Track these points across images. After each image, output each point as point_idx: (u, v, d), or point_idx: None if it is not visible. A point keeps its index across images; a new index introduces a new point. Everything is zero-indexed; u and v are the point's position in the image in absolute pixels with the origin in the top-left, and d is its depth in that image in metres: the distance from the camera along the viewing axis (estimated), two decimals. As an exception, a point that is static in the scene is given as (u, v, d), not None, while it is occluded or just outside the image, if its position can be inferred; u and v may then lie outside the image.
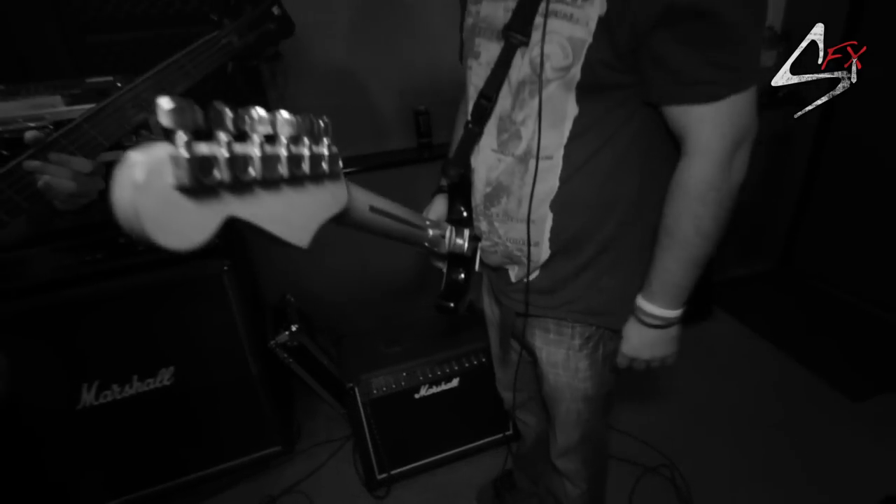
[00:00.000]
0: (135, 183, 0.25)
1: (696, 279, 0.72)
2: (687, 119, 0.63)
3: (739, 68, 0.59)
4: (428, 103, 1.85)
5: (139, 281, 1.28)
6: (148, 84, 0.76)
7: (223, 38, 0.85)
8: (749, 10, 0.57)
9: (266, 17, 0.91)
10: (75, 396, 1.31)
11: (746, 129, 0.63)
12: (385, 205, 0.58)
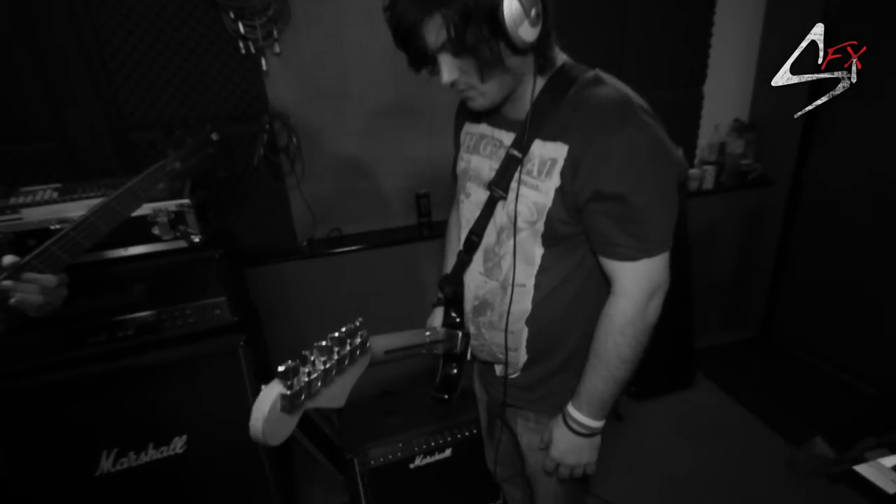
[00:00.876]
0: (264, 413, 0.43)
1: (617, 394, 0.87)
2: (612, 268, 0.81)
3: (648, 240, 0.78)
4: (428, 187, 2.06)
5: (163, 357, 1.41)
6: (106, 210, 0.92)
7: (168, 166, 1.04)
8: (657, 199, 0.77)
9: (206, 143, 1.11)
10: (94, 464, 1.40)
11: (657, 284, 0.81)
12: (395, 342, 0.75)
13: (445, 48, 0.71)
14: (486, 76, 0.74)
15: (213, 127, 1.15)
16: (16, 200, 1.30)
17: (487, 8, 0.65)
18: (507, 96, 0.81)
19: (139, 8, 1.55)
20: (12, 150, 1.56)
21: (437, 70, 0.75)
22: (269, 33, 1.64)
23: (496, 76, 0.75)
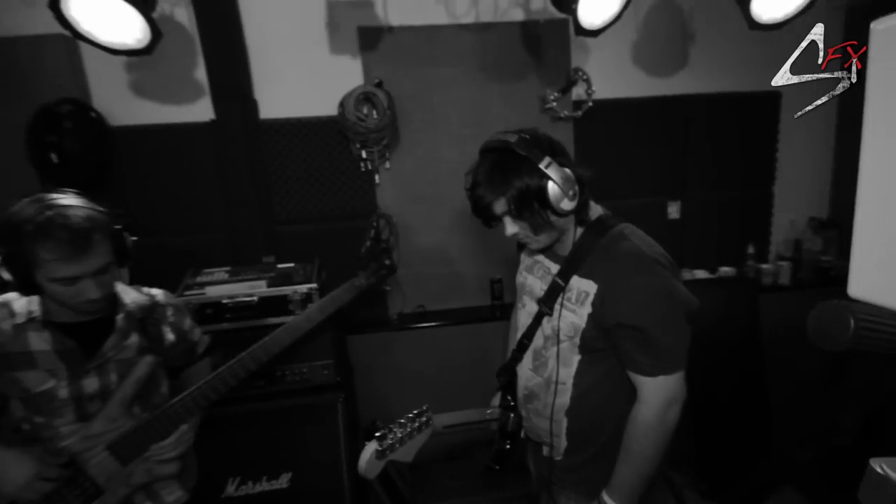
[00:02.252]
0: (366, 459, 0.76)
1: (643, 485, 1.04)
2: (635, 380, 1.03)
3: (663, 360, 0.99)
4: (501, 273, 2.36)
5: (280, 404, 1.79)
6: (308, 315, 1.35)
7: (356, 282, 1.42)
8: (667, 330, 0.99)
9: (382, 268, 1.49)
10: (222, 488, 1.78)
11: (674, 397, 1.00)
12: (454, 419, 1.04)
13: (508, 214, 1.02)
14: (537, 232, 1.04)
15: (389, 255, 1.59)
16: (201, 279, 1.82)
17: (536, 192, 0.96)
18: (556, 241, 1.10)
19: (294, 139, 2.14)
20: (197, 239, 2.16)
21: (503, 226, 1.06)
22: (383, 155, 2.14)
23: (545, 231, 1.04)
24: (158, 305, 1.23)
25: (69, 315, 1.09)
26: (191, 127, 2.08)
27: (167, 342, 1.22)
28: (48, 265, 0.96)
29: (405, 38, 2.12)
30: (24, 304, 1.08)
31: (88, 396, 1.11)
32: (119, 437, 1.09)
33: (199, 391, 1.16)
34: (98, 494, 1.09)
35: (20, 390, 1.07)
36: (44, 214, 0.96)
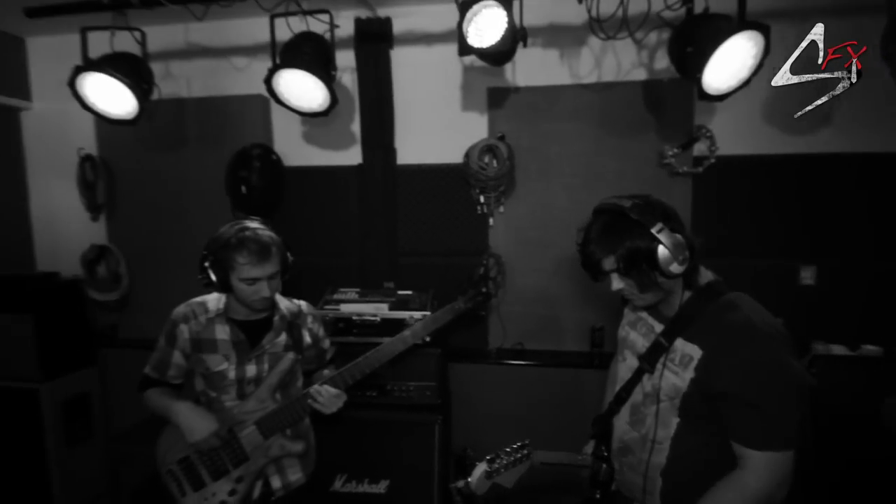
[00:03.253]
0: (477, 477, 0.94)
1: None
2: (741, 451, 1.01)
3: (771, 436, 0.97)
4: (603, 321, 2.36)
5: (387, 416, 2.01)
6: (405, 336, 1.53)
7: (456, 306, 1.59)
8: (778, 406, 0.97)
9: (479, 294, 1.64)
10: (330, 481, 2.02)
11: (784, 478, 0.98)
12: (550, 458, 1.13)
13: (616, 271, 1.08)
14: (643, 290, 1.09)
15: (486, 283, 1.75)
16: (336, 297, 2.15)
17: (646, 254, 1.02)
18: (661, 300, 1.13)
19: (422, 182, 2.45)
20: (335, 263, 2.54)
21: (609, 281, 1.11)
22: (498, 200, 2.34)
23: (651, 290, 1.08)
24: (302, 313, 1.55)
25: (244, 313, 1.44)
26: (343, 169, 2.50)
27: (305, 344, 1.52)
28: (241, 268, 1.31)
29: (529, 96, 2.34)
30: (214, 303, 1.46)
31: (247, 380, 1.45)
32: (264, 415, 1.40)
33: (333, 380, 1.45)
34: (244, 460, 1.41)
35: (204, 368, 1.43)
36: (243, 233, 1.33)
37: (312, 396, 1.39)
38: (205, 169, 2.55)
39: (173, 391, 1.49)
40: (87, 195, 2.66)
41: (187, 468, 1.42)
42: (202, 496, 1.40)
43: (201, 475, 1.41)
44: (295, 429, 1.51)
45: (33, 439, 2.45)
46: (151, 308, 2.68)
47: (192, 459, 1.41)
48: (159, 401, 1.43)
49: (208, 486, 1.41)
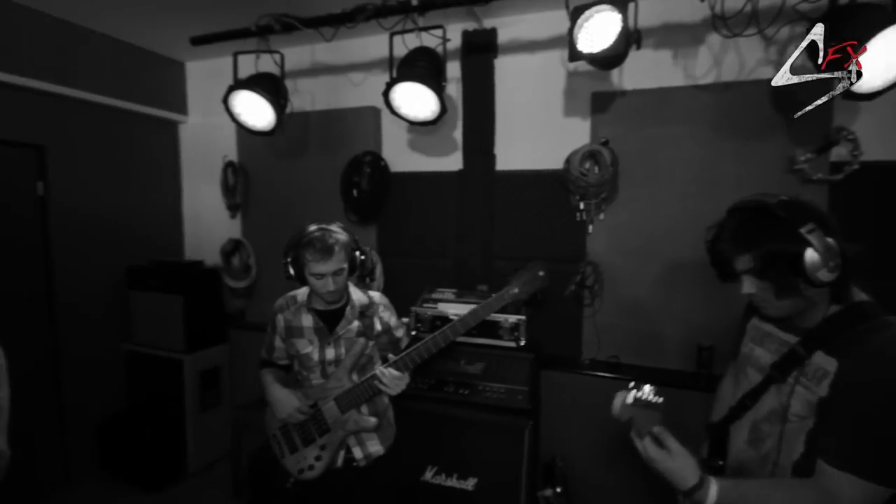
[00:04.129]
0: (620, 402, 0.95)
1: None
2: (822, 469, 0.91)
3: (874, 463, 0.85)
4: (713, 340, 2.19)
5: (474, 415, 2.06)
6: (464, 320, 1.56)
7: (509, 291, 1.57)
8: None
9: (535, 279, 1.60)
10: (422, 472, 2.12)
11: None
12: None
13: (751, 272, 0.96)
14: (780, 297, 0.96)
15: (543, 267, 1.64)
16: (434, 296, 2.26)
17: (791, 256, 0.89)
18: (798, 312, 1.00)
19: (520, 187, 2.47)
20: (432, 264, 2.66)
21: (740, 283, 1.01)
22: (599, 207, 2.28)
23: (790, 298, 0.96)
24: (374, 304, 1.69)
25: (321, 304, 1.61)
26: (444, 175, 2.62)
27: (375, 331, 1.66)
28: (309, 264, 1.48)
29: (636, 100, 2.25)
30: (302, 295, 1.67)
31: (328, 361, 1.62)
32: (341, 393, 1.57)
33: (395, 364, 1.55)
34: (327, 431, 1.60)
35: (295, 351, 1.64)
36: (312, 234, 1.51)
37: (378, 378, 1.52)
38: (322, 174, 2.82)
39: (280, 372, 1.73)
40: (227, 196, 3.09)
41: (285, 433, 1.64)
42: (297, 458, 1.62)
43: (295, 440, 1.63)
44: (372, 406, 1.65)
45: (177, 401, 2.89)
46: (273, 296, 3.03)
47: (288, 426, 1.63)
48: (264, 380, 1.68)
49: (300, 450, 1.62)
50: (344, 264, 1.52)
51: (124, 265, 2.99)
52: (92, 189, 2.83)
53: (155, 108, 3.10)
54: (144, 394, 3.01)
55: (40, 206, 2.59)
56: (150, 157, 3.18)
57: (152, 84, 3.09)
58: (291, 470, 1.63)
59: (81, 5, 2.44)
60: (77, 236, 2.75)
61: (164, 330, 2.90)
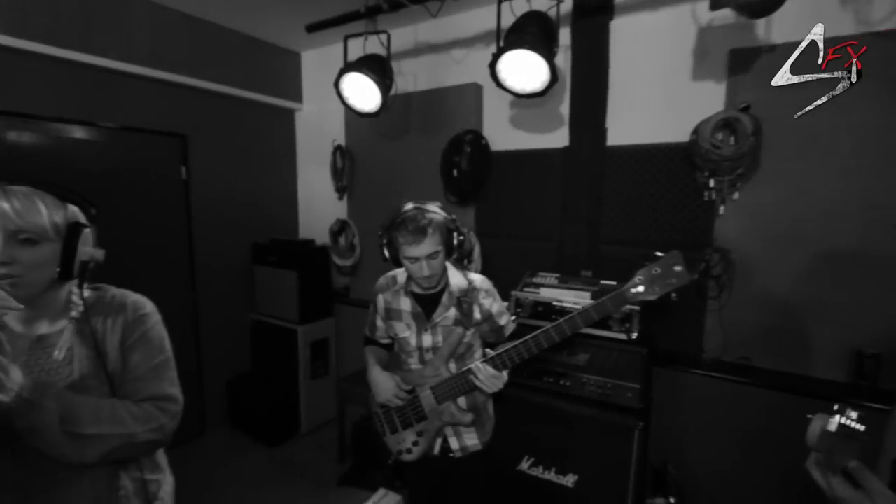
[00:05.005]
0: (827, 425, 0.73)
1: None
2: None
3: None
4: (879, 347, 1.79)
5: (580, 410, 1.92)
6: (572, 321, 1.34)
7: (631, 288, 1.28)
8: None
9: (671, 276, 1.26)
10: (519, 461, 2.05)
11: None
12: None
13: None
14: None
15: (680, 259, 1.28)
16: (536, 280, 2.14)
17: None
18: None
19: (635, 164, 2.23)
20: (538, 247, 2.54)
21: None
22: (733, 184, 1.96)
23: None
24: (474, 289, 1.55)
25: (419, 288, 1.53)
26: (548, 152, 2.46)
27: (474, 319, 1.54)
28: (403, 247, 1.40)
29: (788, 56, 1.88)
30: (402, 277, 1.60)
31: (425, 348, 1.55)
32: (438, 382, 1.50)
33: (492, 361, 1.40)
34: (423, 419, 1.54)
35: (394, 333, 1.60)
36: (405, 214, 1.41)
37: (473, 373, 1.41)
38: (423, 155, 2.83)
39: (382, 351, 1.70)
40: (335, 178, 3.25)
41: (386, 413, 1.62)
42: (396, 439, 1.60)
43: (395, 422, 1.60)
44: (470, 398, 1.56)
45: (291, 368, 3.16)
46: (375, 275, 3.15)
47: (389, 407, 1.59)
48: (367, 358, 1.66)
49: (399, 432, 1.59)
50: (439, 247, 1.41)
51: (250, 242, 3.31)
52: (223, 174, 3.16)
53: (275, 98, 3.35)
54: (265, 359, 3.34)
55: (184, 188, 2.96)
56: (271, 143, 3.46)
57: (273, 75, 3.34)
58: (392, 448, 1.63)
59: (210, 2, 2.68)
60: (211, 216, 3.10)
61: (281, 302, 3.18)
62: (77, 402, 0.83)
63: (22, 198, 0.82)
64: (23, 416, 0.76)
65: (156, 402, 0.92)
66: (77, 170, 2.47)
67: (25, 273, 0.82)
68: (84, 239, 0.90)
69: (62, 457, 0.81)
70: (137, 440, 0.87)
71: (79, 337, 0.91)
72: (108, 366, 0.91)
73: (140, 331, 0.96)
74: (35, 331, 0.91)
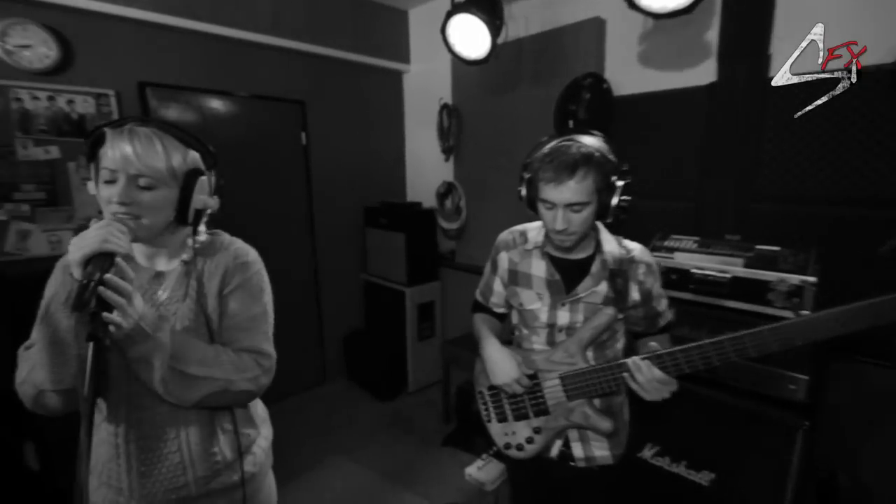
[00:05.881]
0: None
1: None
2: None
3: None
4: None
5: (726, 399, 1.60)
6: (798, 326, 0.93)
7: None
8: None
9: None
10: (640, 448, 1.81)
11: None
12: None
13: None
14: None
15: None
16: (669, 244, 1.82)
17: None
18: None
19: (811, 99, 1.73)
20: (668, 206, 2.17)
21: None
22: (974, 115, 1.41)
23: None
24: (633, 261, 1.19)
25: (557, 250, 1.21)
26: (686, 92, 2.05)
27: (630, 300, 1.19)
28: (541, 186, 1.08)
29: None
30: (535, 233, 1.26)
31: (559, 327, 1.21)
32: (570, 372, 1.18)
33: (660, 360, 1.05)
34: (544, 413, 1.23)
35: (518, 303, 1.28)
36: (559, 142, 1.09)
37: (630, 370, 1.07)
38: (534, 106, 2.58)
39: (495, 322, 1.40)
40: (442, 139, 3.16)
41: (495, 397, 1.33)
42: (503, 429, 1.31)
43: (505, 410, 1.31)
44: (605, 400, 1.24)
45: (400, 328, 3.24)
46: (481, 239, 3.04)
47: (501, 391, 1.30)
48: (478, 329, 1.37)
49: (509, 422, 1.30)
50: (587, 198, 1.06)
51: (362, 205, 3.41)
52: (337, 138, 3.25)
53: (384, 60, 3.33)
54: (376, 318, 3.48)
55: (304, 153, 3.11)
56: (380, 107, 3.48)
57: (381, 37, 3.31)
58: (497, 439, 1.34)
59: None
60: (327, 180, 3.24)
61: (390, 264, 3.24)
62: (186, 342, 0.85)
63: (144, 140, 0.83)
64: (138, 346, 0.78)
65: (251, 354, 0.92)
66: (218, 137, 2.72)
67: (144, 214, 0.85)
68: (200, 187, 0.90)
69: (165, 393, 0.83)
70: (234, 388, 0.88)
71: (187, 279, 0.93)
72: (207, 309, 0.92)
73: (239, 278, 0.95)
74: (154, 266, 0.94)
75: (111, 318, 0.73)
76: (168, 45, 2.46)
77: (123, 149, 0.81)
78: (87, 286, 0.69)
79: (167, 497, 0.92)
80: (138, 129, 0.84)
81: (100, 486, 0.94)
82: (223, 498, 0.99)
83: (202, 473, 0.94)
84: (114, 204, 0.82)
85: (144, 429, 0.90)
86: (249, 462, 1.01)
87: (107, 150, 0.82)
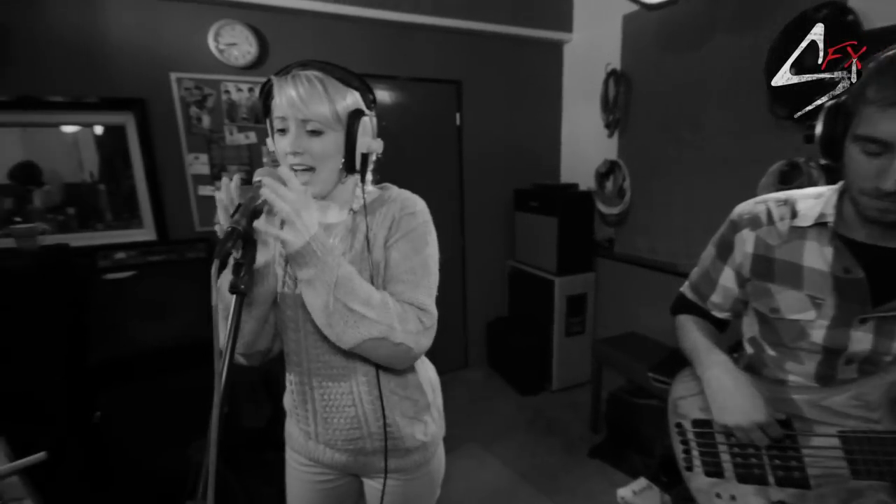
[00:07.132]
0: None
1: None
2: None
3: None
4: None
5: None
6: None
7: None
8: None
9: None
10: None
11: None
12: None
13: None
14: None
15: None
16: None
17: None
18: None
19: None
20: None
21: None
22: None
23: None
24: None
25: (867, 233, 0.77)
26: None
27: None
28: (866, 112, 0.66)
29: None
30: (811, 204, 0.83)
31: (848, 356, 0.80)
32: (864, 433, 0.78)
33: None
34: (800, 486, 0.82)
35: (767, 308, 0.87)
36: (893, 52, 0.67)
37: None
38: (732, 61, 2.07)
39: (713, 330, 0.99)
40: (605, 111, 2.79)
41: (704, 437, 0.94)
42: (714, 488, 0.91)
43: (721, 461, 0.91)
44: None
45: (546, 320, 3.01)
46: (645, 227, 2.61)
47: (714, 431, 0.93)
48: (689, 339, 0.97)
49: (727, 481, 0.90)
50: None
51: (512, 188, 3.26)
52: (489, 118, 3.14)
53: (543, 30, 3.09)
54: (521, 307, 3.30)
55: (457, 134, 3.09)
56: (536, 82, 3.25)
57: (543, 4, 3.07)
58: (699, 497, 0.95)
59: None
60: (478, 162, 3.16)
61: (539, 250, 3.02)
62: (355, 276, 0.81)
63: (307, 84, 0.81)
64: (308, 267, 0.76)
65: (413, 308, 0.85)
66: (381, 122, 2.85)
67: (317, 164, 0.84)
68: (363, 128, 0.86)
69: (327, 325, 0.80)
70: (394, 339, 0.81)
71: (355, 230, 0.92)
72: (372, 258, 0.89)
73: (404, 228, 0.89)
74: (325, 219, 0.94)
75: (280, 234, 0.73)
76: (342, 35, 2.64)
77: (289, 93, 0.81)
78: (231, 232, 0.67)
79: (346, 447, 0.96)
80: (301, 73, 0.82)
81: (296, 424, 1.01)
82: (399, 460, 0.99)
83: (376, 430, 0.94)
84: (289, 155, 0.83)
85: (322, 378, 0.93)
86: (420, 430, 0.99)
87: (275, 98, 0.83)
